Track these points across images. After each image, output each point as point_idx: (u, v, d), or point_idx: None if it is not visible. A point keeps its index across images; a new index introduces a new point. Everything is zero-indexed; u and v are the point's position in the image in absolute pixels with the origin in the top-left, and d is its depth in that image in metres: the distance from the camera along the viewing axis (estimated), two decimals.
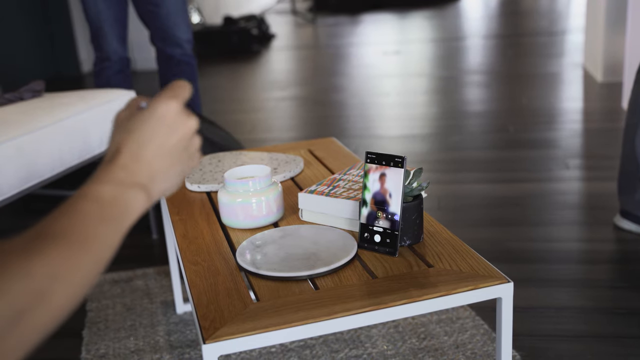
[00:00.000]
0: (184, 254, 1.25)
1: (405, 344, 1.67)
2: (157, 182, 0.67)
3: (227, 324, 1.00)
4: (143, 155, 0.66)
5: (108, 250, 0.61)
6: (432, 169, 2.96)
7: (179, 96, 0.69)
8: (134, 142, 0.66)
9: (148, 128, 0.66)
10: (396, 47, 6.13)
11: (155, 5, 2.86)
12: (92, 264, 0.58)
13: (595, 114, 3.61)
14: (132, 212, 0.64)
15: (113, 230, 0.61)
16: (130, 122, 0.67)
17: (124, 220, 0.63)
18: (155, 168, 0.67)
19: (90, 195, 0.61)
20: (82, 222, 0.59)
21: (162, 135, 0.67)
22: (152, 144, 0.66)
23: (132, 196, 0.64)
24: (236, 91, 4.97)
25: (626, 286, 1.90)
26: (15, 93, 2.28)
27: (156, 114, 0.67)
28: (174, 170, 0.69)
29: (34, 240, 0.55)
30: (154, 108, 0.67)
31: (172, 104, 0.68)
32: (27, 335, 0.52)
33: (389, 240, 1.17)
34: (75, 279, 0.56)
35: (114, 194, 0.63)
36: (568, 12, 7.39)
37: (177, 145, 0.68)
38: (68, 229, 0.57)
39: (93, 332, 1.84)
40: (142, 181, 0.66)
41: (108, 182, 0.63)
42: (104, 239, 0.60)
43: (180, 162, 0.70)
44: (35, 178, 1.99)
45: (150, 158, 0.66)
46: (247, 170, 1.40)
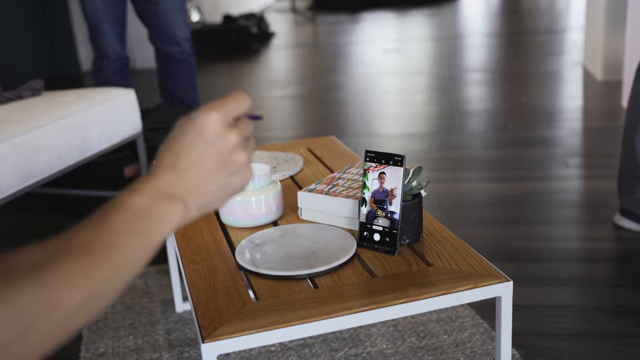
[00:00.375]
0: (183, 252, 1.25)
1: (404, 342, 1.67)
2: (195, 197, 0.64)
3: (226, 323, 0.99)
4: (179, 167, 0.64)
5: (133, 262, 0.58)
6: (432, 168, 2.95)
7: (224, 108, 0.66)
8: (172, 154, 0.64)
9: (186, 140, 0.64)
10: (396, 46, 6.13)
11: (154, 4, 2.86)
12: (114, 276, 0.56)
13: (595, 113, 3.61)
14: (165, 225, 0.61)
15: (140, 242, 0.59)
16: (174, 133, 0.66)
17: (154, 232, 0.60)
18: (192, 181, 0.64)
19: (121, 205, 0.60)
20: (107, 232, 0.57)
21: (199, 148, 0.64)
22: (189, 157, 0.64)
23: (166, 208, 0.62)
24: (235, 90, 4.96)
25: (626, 285, 1.89)
26: (15, 92, 2.27)
27: (195, 125, 0.64)
28: (214, 185, 0.65)
29: (53, 253, 0.53)
30: (195, 120, 0.65)
31: (212, 115, 0.64)
32: (32, 348, 0.51)
33: (389, 239, 1.16)
34: (94, 291, 0.54)
35: (147, 205, 0.60)
36: (568, 10, 7.38)
37: (213, 159, 0.65)
38: (89, 239, 0.55)
39: (92, 330, 1.84)
40: (179, 194, 0.63)
41: (142, 192, 0.61)
42: (129, 251, 0.58)
43: (220, 177, 0.66)
44: (35, 176, 1.98)
45: (186, 171, 0.64)
46: None
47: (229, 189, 0.67)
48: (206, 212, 0.67)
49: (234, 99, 0.66)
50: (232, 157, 0.66)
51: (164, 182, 0.63)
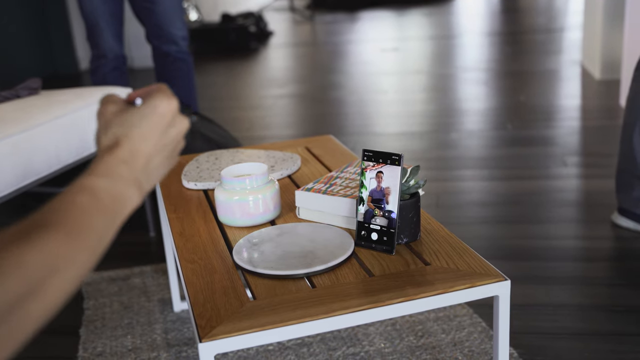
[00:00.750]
0: (180, 252, 1.24)
1: (402, 341, 1.67)
2: (149, 178, 0.69)
3: (224, 322, 0.99)
4: (143, 150, 0.67)
5: (102, 243, 0.61)
6: (430, 167, 2.95)
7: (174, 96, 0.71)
8: (135, 138, 0.67)
9: (150, 124, 0.68)
10: (394, 45, 6.13)
11: (151, 3, 2.86)
12: (87, 255, 0.58)
13: (593, 112, 3.61)
14: (127, 206, 0.65)
15: (108, 224, 0.62)
16: (129, 117, 0.68)
17: (119, 214, 0.64)
18: (151, 164, 0.68)
19: (87, 188, 0.62)
20: (78, 213, 0.59)
21: (161, 132, 0.68)
22: (152, 141, 0.68)
23: (128, 191, 0.65)
24: (234, 89, 4.96)
25: (624, 283, 1.89)
26: (12, 91, 2.27)
27: (158, 111, 0.68)
28: (163, 167, 0.71)
29: (29, 230, 0.55)
30: (156, 105, 0.68)
31: (173, 102, 0.69)
32: (20, 326, 0.52)
33: (386, 238, 1.16)
34: (70, 270, 0.56)
35: (111, 188, 0.63)
36: (566, 9, 7.38)
37: (170, 144, 0.70)
38: (64, 219, 0.57)
39: (90, 330, 1.83)
40: (137, 175, 0.67)
41: (106, 175, 0.64)
42: (99, 232, 0.60)
43: (171, 159, 0.72)
44: (32, 176, 1.98)
45: (148, 154, 0.68)
46: (244, 168, 1.40)
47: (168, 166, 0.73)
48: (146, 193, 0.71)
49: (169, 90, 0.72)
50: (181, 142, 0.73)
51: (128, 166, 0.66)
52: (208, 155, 1.74)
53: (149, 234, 2.42)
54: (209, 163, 1.67)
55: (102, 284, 2.08)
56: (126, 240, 2.38)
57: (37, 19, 5.52)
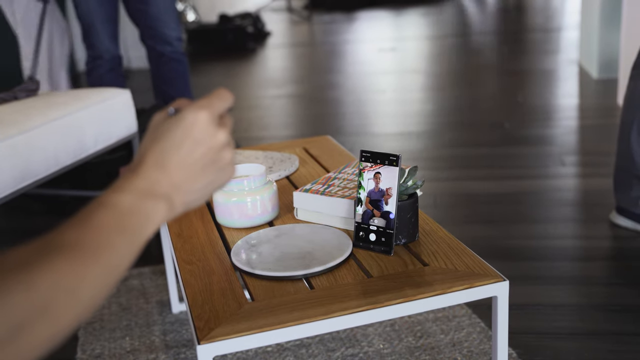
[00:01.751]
0: (178, 253, 1.24)
1: (401, 342, 1.67)
2: (181, 194, 0.64)
3: (222, 324, 0.99)
4: (166, 165, 0.63)
5: (122, 261, 0.57)
6: (428, 166, 2.95)
7: (212, 106, 0.65)
8: (158, 152, 0.63)
9: (174, 137, 0.63)
10: (392, 44, 6.13)
11: (145, 4, 2.86)
12: (103, 275, 0.55)
13: (591, 111, 3.61)
14: (151, 223, 0.61)
15: (128, 241, 0.58)
16: (158, 130, 0.64)
17: (141, 231, 0.60)
18: (179, 179, 0.63)
19: (107, 204, 0.59)
20: (95, 231, 0.56)
21: (188, 146, 0.63)
22: (177, 155, 0.63)
23: (152, 206, 0.61)
24: (232, 89, 4.96)
25: (622, 283, 1.90)
26: (10, 92, 2.27)
27: (183, 123, 0.64)
28: (200, 183, 0.65)
29: (44, 249, 0.52)
30: (183, 117, 0.64)
31: (202, 114, 0.64)
32: (25, 351, 0.50)
33: (384, 239, 1.16)
34: (83, 290, 0.53)
35: (133, 204, 0.60)
36: (563, 8, 7.39)
37: (203, 158, 0.65)
38: (79, 238, 0.54)
39: (88, 332, 1.83)
40: (164, 191, 0.62)
41: (128, 191, 0.60)
42: (117, 250, 0.57)
43: (207, 175, 0.65)
44: (30, 177, 1.98)
45: (173, 168, 0.63)
46: (242, 169, 1.40)
47: (214, 186, 0.67)
48: (190, 208, 0.67)
49: (218, 97, 0.66)
50: (220, 155, 0.66)
51: (150, 180, 0.62)
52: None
53: None
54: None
55: None
56: None
57: None
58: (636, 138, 2.11)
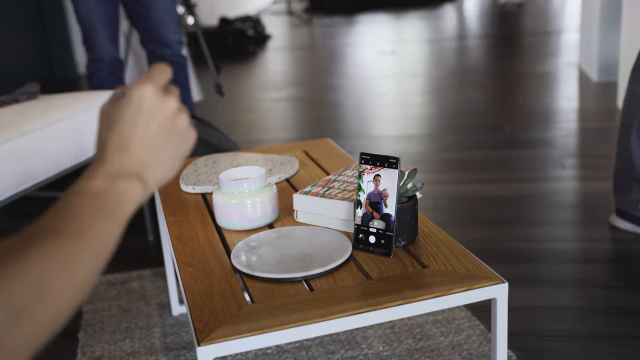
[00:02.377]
0: (178, 255, 1.25)
1: (401, 344, 1.67)
2: (151, 169, 0.66)
3: (222, 326, 0.99)
4: (128, 145, 0.65)
5: (107, 242, 0.60)
6: (428, 169, 2.96)
7: (155, 79, 0.67)
8: (117, 135, 0.65)
9: (127, 117, 0.65)
10: (392, 48, 6.13)
11: (145, 7, 2.87)
12: (91, 255, 0.57)
13: (591, 114, 3.62)
14: (128, 202, 0.63)
15: (109, 222, 0.60)
16: (111, 115, 0.66)
17: (120, 211, 0.62)
18: (144, 155, 0.65)
19: (81, 190, 0.61)
20: (74, 215, 0.58)
21: (143, 121, 0.65)
22: (135, 132, 0.65)
23: (125, 186, 0.63)
24: (232, 92, 4.96)
25: (622, 286, 1.90)
26: (10, 95, 2.27)
27: (132, 101, 0.66)
28: (166, 153, 0.67)
29: (28, 238, 0.54)
30: (130, 96, 0.66)
31: (147, 88, 0.66)
32: (30, 334, 0.51)
33: (384, 241, 1.17)
34: (74, 272, 0.55)
35: (105, 186, 0.62)
36: (563, 11, 7.40)
37: (161, 128, 0.67)
38: (59, 224, 0.57)
39: (89, 334, 1.83)
40: (133, 170, 0.64)
41: (98, 176, 0.62)
42: (100, 231, 0.59)
43: (170, 144, 0.68)
44: (31, 180, 1.98)
45: (136, 146, 0.65)
46: (242, 172, 1.40)
47: (180, 154, 0.69)
48: (164, 181, 0.69)
49: (157, 70, 0.68)
50: (176, 122, 0.68)
51: (116, 163, 0.64)
52: (206, 159, 1.74)
53: (147, 237, 2.42)
54: (207, 167, 1.68)
55: (101, 288, 2.08)
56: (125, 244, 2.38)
57: (35, 23, 5.53)
58: (636, 141, 2.11)
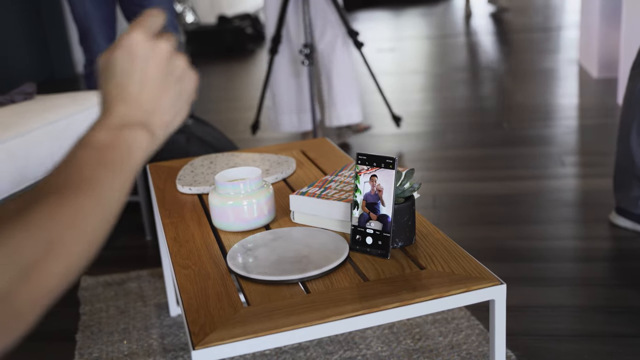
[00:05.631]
0: (174, 257, 1.24)
1: (400, 345, 1.66)
2: (156, 116, 0.65)
3: (217, 329, 0.98)
4: (128, 95, 0.64)
5: (116, 194, 0.59)
6: (427, 167, 2.95)
7: (143, 24, 0.66)
8: (115, 86, 0.64)
9: (122, 67, 0.64)
10: (391, 45, 6.12)
11: (142, 7, 2.85)
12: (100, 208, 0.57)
13: (591, 110, 3.61)
14: (135, 151, 0.62)
15: (117, 174, 0.60)
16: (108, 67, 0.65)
17: (127, 161, 0.61)
18: (146, 103, 0.64)
19: (85, 143, 0.60)
20: (79, 169, 0.57)
21: (137, 68, 0.64)
22: (132, 81, 0.64)
23: (131, 136, 0.62)
24: (230, 90, 4.95)
25: (622, 284, 1.89)
26: (7, 96, 2.26)
27: (123, 50, 0.64)
28: (168, 98, 0.66)
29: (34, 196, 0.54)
30: (120, 45, 0.65)
31: (135, 34, 0.64)
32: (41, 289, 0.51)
33: (381, 242, 1.15)
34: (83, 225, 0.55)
35: (110, 138, 0.61)
36: (563, 7, 7.38)
37: (157, 73, 0.65)
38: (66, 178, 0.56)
39: (86, 335, 1.82)
40: (138, 119, 0.63)
41: (103, 129, 0.62)
42: (106, 182, 0.58)
43: (170, 88, 0.66)
44: (27, 181, 1.97)
45: (136, 95, 0.64)
46: (238, 172, 1.39)
47: (183, 97, 0.68)
48: (172, 129, 0.68)
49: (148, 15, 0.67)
50: (173, 64, 0.67)
51: (119, 114, 0.63)
52: (203, 159, 1.73)
53: (145, 237, 2.41)
54: (204, 167, 1.67)
55: (98, 289, 2.07)
56: (122, 244, 2.38)
57: (33, 23, 5.51)
58: (636, 138, 2.10)
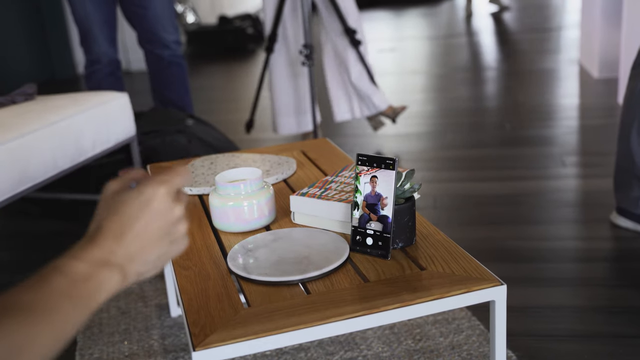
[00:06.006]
0: (174, 258, 1.24)
1: (400, 345, 1.66)
2: (135, 265, 0.67)
3: (218, 330, 0.99)
4: (123, 235, 0.66)
5: (70, 327, 0.61)
6: (428, 168, 2.95)
7: (170, 181, 0.69)
8: (116, 223, 0.66)
9: (132, 210, 0.67)
10: (392, 45, 6.12)
11: (143, 8, 2.86)
12: (51, 337, 0.59)
13: (592, 110, 3.60)
14: (104, 291, 0.64)
15: (79, 308, 0.62)
16: (116, 201, 0.68)
17: (93, 299, 0.63)
18: (134, 250, 0.67)
19: (63, 270, 0.62)
20: (47, 295, 0.59)
21: (145, 218, 0.67)
22: (134, 226, 0.66)
23: (106, 276, 0.64)
24: (231, 91, 4.95)
25: (623, 284, 1.89)
26: (8, 97, 2.26)
27: (142, 197, 0.67)
28: (154, 254, 0.69)
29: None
30: (141, 191, 0.67)
31: (160, 189, 0.68)
32: None
33: (381, 243, 1.16)
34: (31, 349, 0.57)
35: (87, 272, 0.63)
36: (564, 7, 7.38)
37: (159, 230, 0.68)
38: (32, 301, 0.58)
39: (87, 336, 1.82)
40: (119, 262, 0.65)
41: (84, 259, 0.63)
42: (68, 316, 0.60)
43: (161, 246, 0.69)
44: (28, 182, 1.97)
45: (129, 239, 0.66)
46: (238, 173, 1.39)
47: (167, 257, 0.71)
48: (142, 279, 0.70)
49: (177, 173, 0.70)
50: (175, 229, 0.70)
51: (106, 250, 0.65)
52: (203, 160, 1.73)
53: None
54: (204, 168, 1.67)
55: None
56: None
57: (34, 23, 5.51)
58: (636, 138, 2.10)
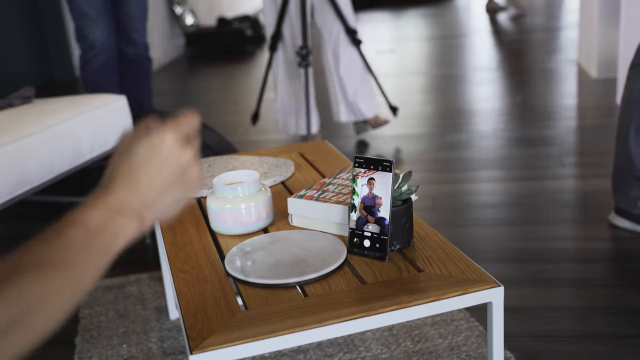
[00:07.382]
0: (172, 261, 1.24)
1: (399, 347, 1.66)
2: (150, 210, 0.68)
3: (215, 333, 0.98)
4: (135, 183, 0.67)
5: (90, 277, 0.61)
6: (427, 169, 2.95)
7: (178, 127, 0.70)
8: (127, 169, 0.67)
9: (141, 157, 0.68)
10: (391, 46, 6.12)
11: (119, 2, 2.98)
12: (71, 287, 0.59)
13: (591, 111, 3.60)
14: (121, 238, 0.65)
15: (97, 258, 0.62)
16: (127, 150, 0.69)
17: (110, 247, 0.63)
18: (148, 196, 0.68)
19: (77, 221, 0.62)
20: (63, 249, 0.59)
21: (155, 165, 0.68)
22: (145, 173, 0.67)
23: (122, 222, 0.65)
24: (230, 92, 4.95)
25: (622, 285, 1.88)
26: (5, 100, 2.26)
27: (151, 143, 0.68)
28: (169, 198, 0.70)
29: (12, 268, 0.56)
30: (150, 138, 0.68)
31: (168, 135, 0.69)
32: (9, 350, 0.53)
33: (379, 245, 1.15)
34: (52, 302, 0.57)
35: (103, 220, 0.63)
36: (562, 8, 7.38)
37: (170, 175, 0.69)
38: (48, 256, 0.58)
39: (86, 339, 1.82)
40: (134, 208, 0.66)
41: (99, 207, 0.64)
42: (86, 266, 0.60)
43: (175, 191, 0.70)
44: (26, 185, 1.97)
45: (142, 186, 0.67)
46: (236, 176, 1.39)
47: (179, 202, 0.72)
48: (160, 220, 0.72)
49: (185, 119, 0.71)
50: (187, 173, 0.71)
51: (119, 197, 0.65)
52: (201, 162, 1.73)
53: (145, 241, 2.41)
54: (202, 170, 1.67)
55: (98, 292, 2.07)
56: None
57: (33, 25, 5.51)
58: (634, 139, 2.10)
